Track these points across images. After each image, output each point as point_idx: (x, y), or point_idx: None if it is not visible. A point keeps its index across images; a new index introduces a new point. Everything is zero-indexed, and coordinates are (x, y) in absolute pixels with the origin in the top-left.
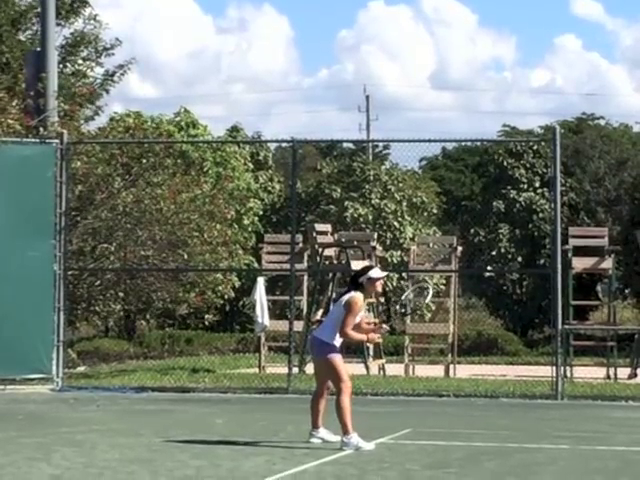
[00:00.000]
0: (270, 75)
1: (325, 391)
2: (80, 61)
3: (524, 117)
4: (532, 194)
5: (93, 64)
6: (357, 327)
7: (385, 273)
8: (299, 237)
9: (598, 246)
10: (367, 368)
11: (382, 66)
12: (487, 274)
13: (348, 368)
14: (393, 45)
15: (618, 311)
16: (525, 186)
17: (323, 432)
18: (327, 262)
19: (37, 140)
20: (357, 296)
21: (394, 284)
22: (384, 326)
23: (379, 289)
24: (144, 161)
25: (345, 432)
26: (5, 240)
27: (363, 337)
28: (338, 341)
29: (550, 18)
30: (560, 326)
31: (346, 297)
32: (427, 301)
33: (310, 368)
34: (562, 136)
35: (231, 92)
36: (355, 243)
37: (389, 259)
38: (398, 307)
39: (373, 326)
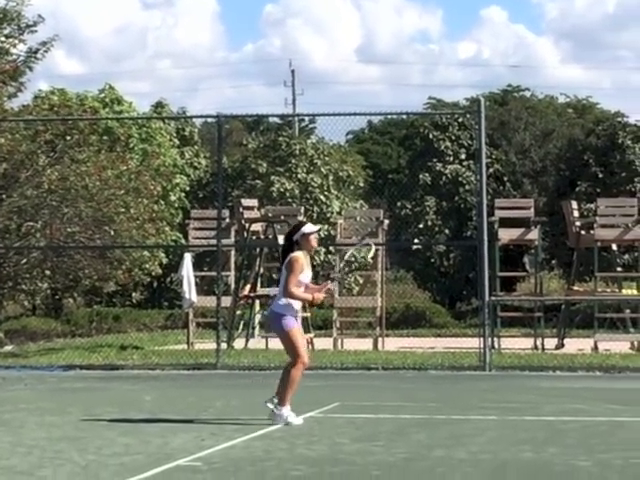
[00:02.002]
0: (197, 50)
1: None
2: (2, 38)
3: (451, 89)
4: (458, 166)
5: (16, 41)
6: (306, 290)
7: (318, 227)
8: (226, 212)
9: (524, 217)
10: None
11: (309, 40)
12: (414, 247)
13: (277, 343)
14: (319, 19)
15: (545, 282)
16: (451, 158)
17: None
18: (254, 237)
19: None
20: (296, 255)
21: (322, 258)
22: (329, 284)
23: (314, 244)
24: (69, 138)
25: (280, 403)
26: None
27: (308, 297)
28: (292, 308)
29: None
30: (487, 298)
31: (286, 260)
32: (370, 255)
33: (239, 343)
34: (487, 108)
35: (158, 68)
36: (282, 218)
37: None
38: (342, 265)
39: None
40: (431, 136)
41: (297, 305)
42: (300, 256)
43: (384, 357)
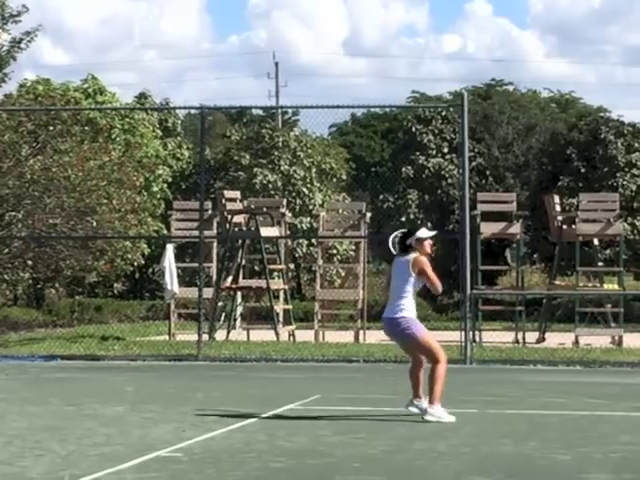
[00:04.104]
0: (182, 42)
1: (422, 359)
2: None
3: (436, 83)
4: (441, 160)
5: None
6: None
7: (433, 232)
8: (208, 204)
9: (506, 211)
10: (277, 334)
11: (294, 33)
12: None
13: (258, 334)
14: (306, 12)
15: (526, 276)
16: (434, 152)
17: (425, 402)
18: (236, 229)
19: None
20: (417, 255)
21: (304, 250)
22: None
23: (428, 250)
24: (51, 128)
25: (431, 401)
26: None
27: (439, 283)
28: (411, 310)
29: None
30: (469, 291)
31: (408, 264)
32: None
33: (220, 335)
34: (471, 102)
35: (143, 59)
36: (264, 210)
37: (298, 225)
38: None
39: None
40: (414, 129)
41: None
42: (420, 255)
43: (365, 349)
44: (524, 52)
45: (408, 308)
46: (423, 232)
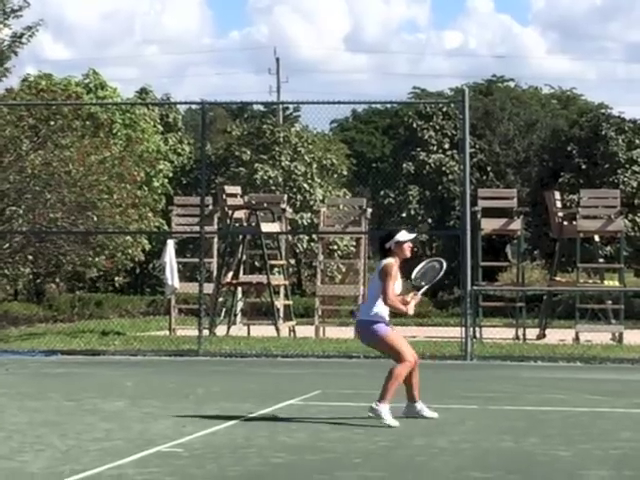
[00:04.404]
0: (183, 37)
1: (414, 360)
2: None
3: (438, 79)
4: (442, 156)
5: (0, 26)
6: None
7: (413, 235)
8: (209, 199)
9: (507, 207)
10: (277, 330)
11: (295, 28)
12: None
13: (259, 330)
14: (307, 7)
15: (527, 272)
16: (435, 148)
17: (420, 405)
18: (237, 224)
19: None
20: (389, 261)
21: (304, 246)
22: (418, 295)
23: (408, 253)
24: (52, 123)
25: (381, 398)
26: None
27: (404, 308)
28: (382, 314)
29: None
30: (469, 287)
31: (379, 267)
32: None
33: (221, 330)
34: (472, 98)
35: (144, 54)
36: (265, 205)
37: (299, 221)
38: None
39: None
40: (415, 125)
41: (386, 312)
42: (392, 263)
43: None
44: (525, 48)
45: (378, 311)
46: (403, 235)
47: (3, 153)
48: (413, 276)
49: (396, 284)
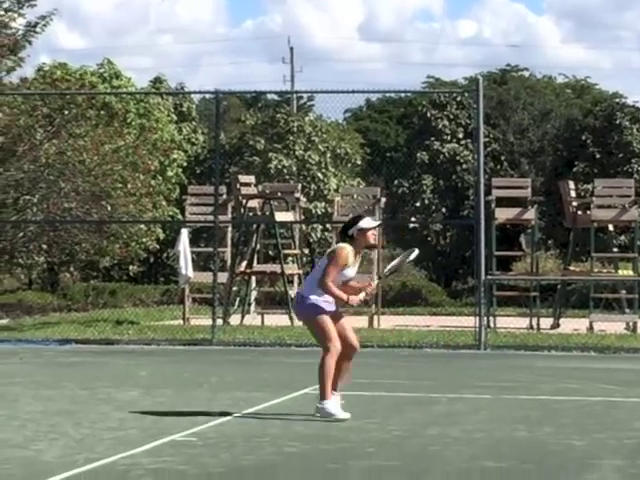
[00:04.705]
0: (198, 26)
1: (353, 345)
2: (1, 12)
3: (452, 68)
4: (456, 145)
5: (15, 15)
6: (345, 287)
7: (377, 222)
8: (223, 189)
9: (521, 197)
10: (291, 319)
11: (309, 17)
12: (411, 225)
13: (273, 319)
14: None
15: (541, 262)
16: (449, 137)
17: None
18: (251, 213)
19: None
20: (343, 246)
21: (318, 235)
22: (373, 285)
23: (372, 241)
24: (66, 112)
25: (321, 398)
26: None
27: (343, 296)
28: (323, 298)
29: None
30: (483, 277)
31: (332, 247)
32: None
33: (235, 320)
34: (486, 87)
35: (159, 43)
36: (279, 194)
37: (313, 210)
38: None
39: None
40: (429, 115)
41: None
42: (347, 249)
43: (379, 335)
44: (540, 37)
45: (313, 286)
46: (367, 222)
47: (17, 142)
48: (386, 270)
49: (349, 270)
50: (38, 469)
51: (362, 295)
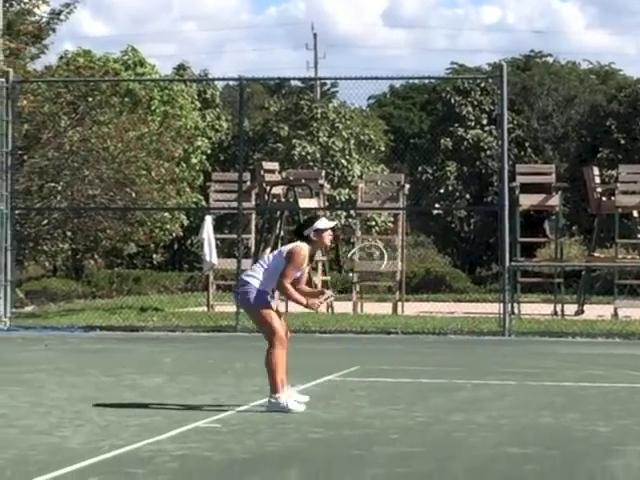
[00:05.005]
0: (221, 13)
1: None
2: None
3: (476, 54)
4: (480, 131)
5: (39, 2)
6: (296, 282)
7: (333, 222)
8: (247, 175)
9: (545, 183)
10: None
11: (333, 4)
12: (435, 212)
13: (297, 306)
14: None
15: (565, 248)
16: (473, 123)
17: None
18: (275, 200)
19: None
20: (302, 246)
21: (342, 222)
22: (329, 292)
23: (327, 241)
24: (90, 100)
25: (272, 392)
26: None
27: (302, 300)
28: (264, 284)
29: None
30: (508, 263)
31: (290, 246)
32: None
33: None
34: (510, 73)
35: (182, 30)
36: (303, 181)
37: (337, 197)
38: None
39: (316, 290)
40: (453, 101)
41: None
42: (305, 249)
43: (404, 321)
44: (564, 23)
45: (256, 275)
46: (322, 223)
47: (42, 130)
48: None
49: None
50: (63, 455)
51: (319, 301)
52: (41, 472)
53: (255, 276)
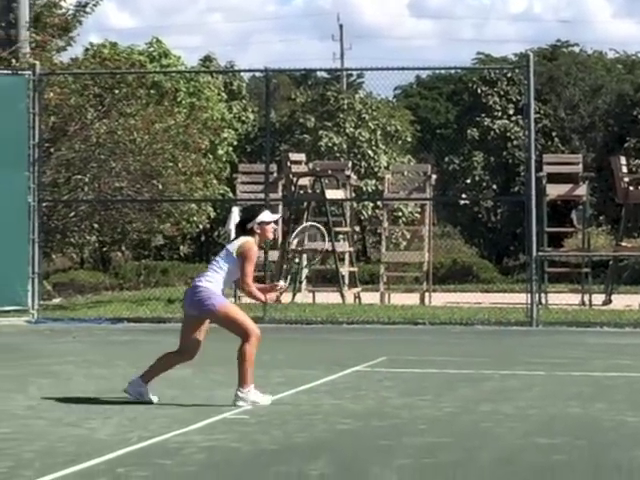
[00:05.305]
0: (247, 4)
1: (186, 353)
2: None
3: (502, 44)
4: (506, 121)
5: None
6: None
7: (277, 216)
8: (273, 167)
9: (572, 173)
10: (342, 296)
11: None
12: (462, 202)
13: (324, 297)
14: None
15: (592, 238)
16: (499, 114)
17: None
18: (302, 191)
19: (9, 71)
20: (250, 241)
21: (369, 213)
22: (281, 284)
23: (270, 235)
24: (117, 92)
25: (241, 384)
26: None
27: (262, 297)
28: (216, 284)
29: None
30: (535, 253)
31: (236, 244)
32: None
33: (286, 297)
34: (536, 63)
35: (208, 22)
36: (329, 172)
37: (364, 188)
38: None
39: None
40: (479, 91)
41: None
42: (253, 242)
43: (431, 312)
44: (591, 13)
45: (214, 281)
46: (267, 215)
47: (68, 122)
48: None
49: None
50: (92, 447)
51: (275, 294)
52: (69, 464)
53: (211, 281)
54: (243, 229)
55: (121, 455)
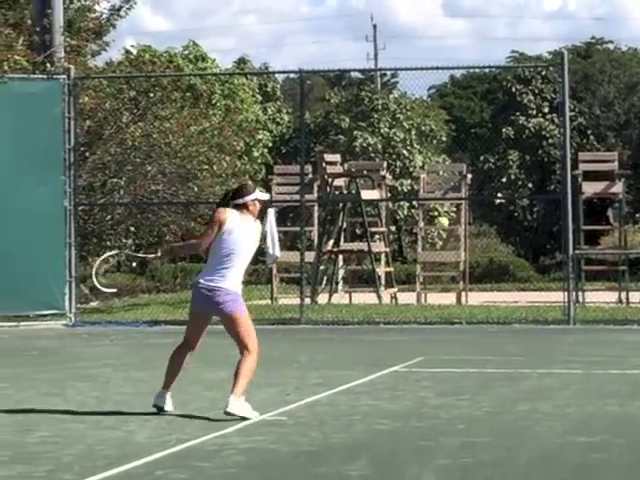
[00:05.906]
0: (281, 6)
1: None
2: None
3: (536, 42)
4: (541, 120)
5: None
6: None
7: (267, 195)
8: (309, 168)
9: (608, 170)
10: (379, 297)
11: None
12: (497, 201)
13: (360, 297)
14: None
15: (629, 235)
16: (534, 112)
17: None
18: (337, 192)
19: (44, 76)
20: (225, 209)
21: (405, 213)
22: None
23: (256, 213)
24: (152, 95)
25: (236, 393)
26: (15, 177)
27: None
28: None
29: None
30: (571, 251)
31: (256, 224)
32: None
33: (323, 298)
34: (571, 61)
35: (243, 24)
36: (365, 172)
37: (399, 188)
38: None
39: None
40: (514, 90)
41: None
42: (226, 212)
43: (468, 311)
44: (625, 10)
45: (240, 282)
46: (262, 194)
47: (104, 126)
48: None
49: (231, 237)
50: (131, 449)
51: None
52: (108, 467)
53: (230, 279)
54: (233, 202)
55: (159, 458)
